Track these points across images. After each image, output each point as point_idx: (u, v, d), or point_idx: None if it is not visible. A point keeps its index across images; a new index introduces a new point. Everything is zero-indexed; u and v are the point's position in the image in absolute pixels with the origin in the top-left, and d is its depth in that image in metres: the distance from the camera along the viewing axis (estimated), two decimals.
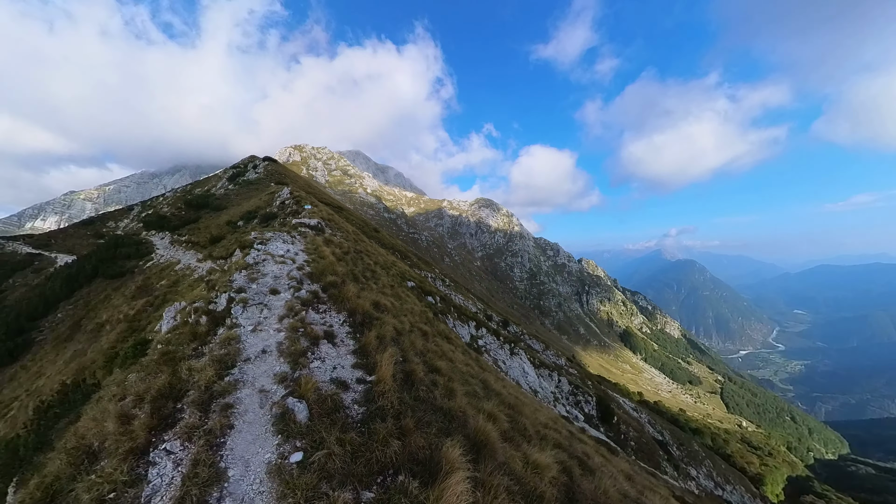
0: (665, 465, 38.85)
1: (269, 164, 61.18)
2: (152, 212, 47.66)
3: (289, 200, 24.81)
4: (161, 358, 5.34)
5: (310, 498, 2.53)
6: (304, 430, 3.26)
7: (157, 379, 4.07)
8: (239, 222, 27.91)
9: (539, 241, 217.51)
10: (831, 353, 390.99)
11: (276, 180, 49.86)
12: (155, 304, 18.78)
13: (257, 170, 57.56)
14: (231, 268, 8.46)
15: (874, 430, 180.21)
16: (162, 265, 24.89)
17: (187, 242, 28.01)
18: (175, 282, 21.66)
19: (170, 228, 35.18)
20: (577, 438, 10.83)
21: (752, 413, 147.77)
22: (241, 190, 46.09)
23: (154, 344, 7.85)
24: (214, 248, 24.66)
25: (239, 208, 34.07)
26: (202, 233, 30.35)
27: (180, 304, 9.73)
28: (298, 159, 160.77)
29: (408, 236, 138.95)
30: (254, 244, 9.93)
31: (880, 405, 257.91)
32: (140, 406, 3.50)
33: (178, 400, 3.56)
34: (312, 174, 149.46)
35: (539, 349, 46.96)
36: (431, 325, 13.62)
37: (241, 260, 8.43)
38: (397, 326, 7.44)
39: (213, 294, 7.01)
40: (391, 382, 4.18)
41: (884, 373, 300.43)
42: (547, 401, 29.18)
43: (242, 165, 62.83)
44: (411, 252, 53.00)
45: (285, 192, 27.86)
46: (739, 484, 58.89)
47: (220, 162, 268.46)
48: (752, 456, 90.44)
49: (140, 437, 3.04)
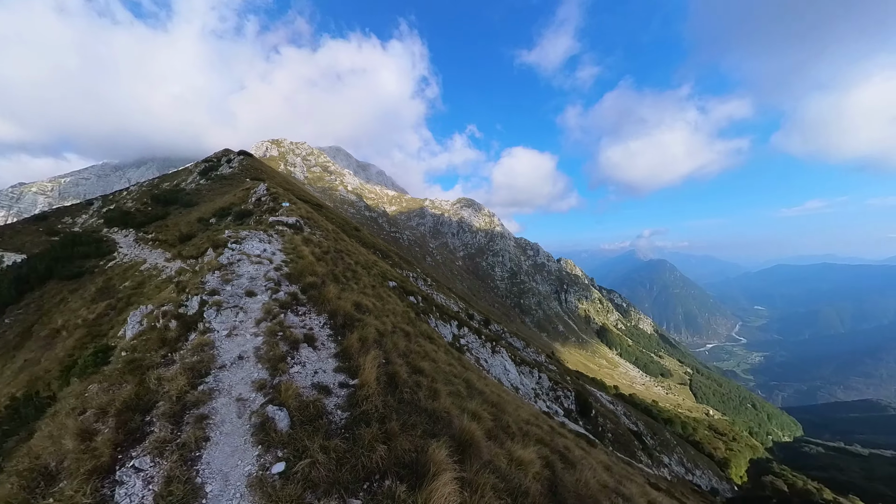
0: (640, 454, 40.66)
1: (244, 159, 58.75)
2: (115, 207, 44.60)
3: (265, 197, 23.88)
4: (126, 366, 4.99)
5: None
6: (286, 439, 3.13)
7: (123, 390, 3.80)
8: (211, 219, 26.64)
9: (520, 241, 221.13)
10: (787, 345, 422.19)
11: (252, 176, 47.95)
12: (118, 308, 17.63)
13: (232, 164, 55.10)
14: (203, 268, 8.05)
15: (824, 413, 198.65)
16: (125, 265, 23.39)
17: (154, 241, 26.44)
18: (140, 283, 20.43)
19: (134, 225, 33.02)
20: (558, 433, 11.11)
21: (718, 402, 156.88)
22: (213, 185, 43.96)
23: (118, 351, 7.35)
24: (184, 247, 23.43)
25: (211, 204, 32.53)
26: (171, 230, 28.75)
27: (147, 308, 9.18)
28: (276, 154, 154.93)
29: (389, 235, 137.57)
30: (228, 243, 9.48)
31: (829, 391, 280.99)
32: (103, 420, 3.25)
33: (147, 412, 3.32)
34: (291, 170, 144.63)
35: (520, 347, 47.81)
36: (414, 326, 13.54)
37: (214, 260, 8.03)
38: (379, 328, 7.33)
39: (183, 296, 6.64)
40: (375, 385, 4.10)
41: (831, 362, 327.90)
42: (528, 397, 29.77)
43: (216, 159, 59.97)
44: (393, 251, 52.49)
45: (262, 189, 26.80)
46: (707, 468, 62.56)
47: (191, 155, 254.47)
48: (719, 442, 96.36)
49: (104, 454, 2.81)
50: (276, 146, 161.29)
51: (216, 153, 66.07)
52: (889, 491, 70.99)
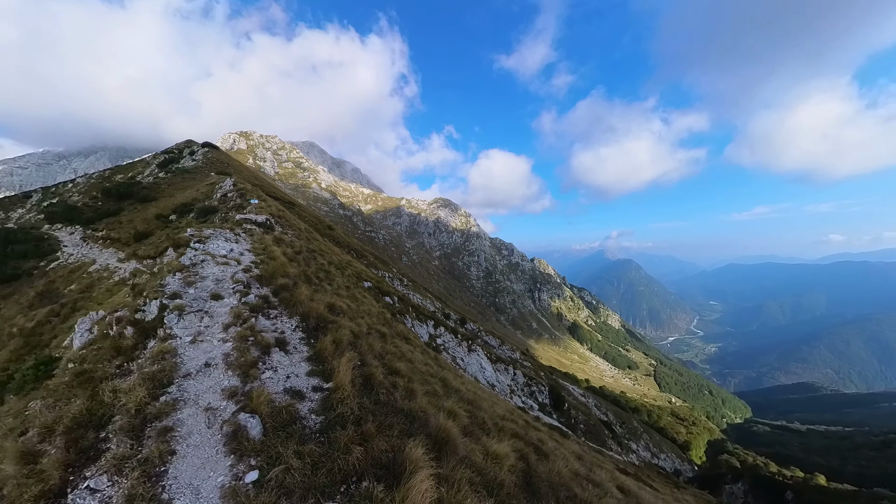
0: (610, 442, 42.77)
1: (209, 151, 55.19)
2: (59, 201, 40.36)
3: (232, 193, 22.62)
4: (75, 379, 4.59)
5: None
6: (259, 447, 3.03)
7: (72, 405, 3.49)
8: (171, 216, 24.91)
9: (495, 242, 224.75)
10: (738, 336, 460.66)
11: (218, 170, 45.23)
12: (62, 315, 16.12)
13: (195, 156, 51.60)
14: (163, 270, 7.54)
15: (769, 396, 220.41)
16: (71, 266, 21.40)
17: (105, 239, 24.35)
18: (88, 286, 18.80)
19: (82, 222, 30.10)
20: (532, 427, 11.45)
21: (679, 390, 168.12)
22: (174, 179, 40.92)
23: (64, 363, 6.74)
24: (140, 246, 21.77)
25: (171, 200, 30.38)
26: (124, 228, 26.57)
27: (98, 314, 8.48)
28: (244, 147, 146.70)
29: (364, 234, 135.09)
30: (190, 243, 8.93)
31: (773, 376, 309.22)
32: (50, 440, 2.96)
33: (101, 428, 3.07)
34: (260, 165, 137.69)
35: (495, 345, 48.68)
36: (390, 327, 13.42)
37: (174, 261, 7.54)
38: (354, 329, 7.21)
39: (140, 301, 6.20)
40: (350, 388, 4.05)
41: (774, 350, 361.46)
42: (504, 393, 30.40)
43: (177, 151, 55.94)
44: (368, 251, 51.61)
45: (228, 184, 25.34)
46: (671, 452, 66.90)
47: (149, 145, 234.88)
48: (680, 427, 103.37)
49: (53, 476, 2.57)
50: (244, 139, 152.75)
51: (178, 144, 61.72)
52: (823, 461, 79.56)
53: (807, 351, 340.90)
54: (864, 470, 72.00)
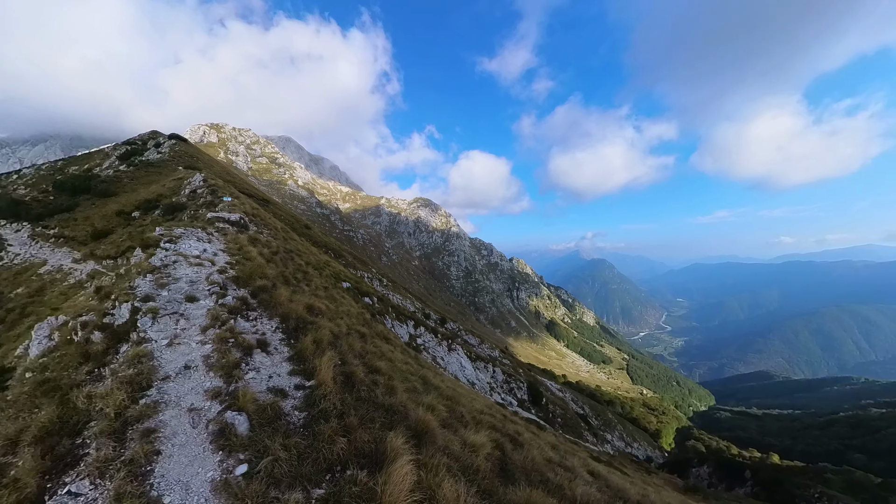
0: (586, 434, 44.45)
1: (176, 144, 52.04)
2: (2, 193, 36.91)
3: (202, 189, 21.57)
4: (37, 388, 4.41)
5: (261, 502, 2.49)
6: (247, 443, 3.12)
7: (38, 415, 3.37)
8: (134, 213, 23.44)
9: (475, 242, 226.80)
10: (702, 331, 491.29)
11: (186, 164, 42.84)
12: (8, 321, 14.92)
13: (161, 149, 48.56)
14: (131, 271, 7.24)
15: (730, 384, 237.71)
16: (17, 267, 19.80)
17: (58, 237, 22.61)
18: (39, 289, 17.51)
19: (30, 218, 27.67)
20: (509, 420, 11.83)
21: (650, 382, 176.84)
22: (137, 173, 38.35)
23: (20, 373, 6.36)
24: (98, 246, 20.42)
25: (134, 195, 28.58)
26: (80, 225, 24.75)
27: (57, 319, 8.03)
28: (215, 140, 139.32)
29: (343, 234, 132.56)
30: (160, 242, 8.58)
31: (733, 366, 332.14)
32: (15, 452, 2.87)
33: (77, 435, 3.03)
34: (232, 159, 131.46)
35: (475, 343, 49.34)
36: (369, 327, 13.42)
37: (144, 262, 7.25)
38: (334, 330, 7.26)
39: (108, 304, 5.97)
40: (332, 385, 4.16)
41: (734, 342, 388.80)
42: (484, 391, 30.94)
43: (140, 142, 52.42)
44: (346, 251, 50.81)
45: (198, 179, 24.11)
46: (643, 440, 70.34)
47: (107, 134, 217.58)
48: (651, 416, 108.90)
49: (30, 485, 2.54)
50: (215, 131, 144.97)
51: (141, 135, 57.88)
52: (777, 442, 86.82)
53: (762, 342, 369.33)
54: (811, 448, 79.06)
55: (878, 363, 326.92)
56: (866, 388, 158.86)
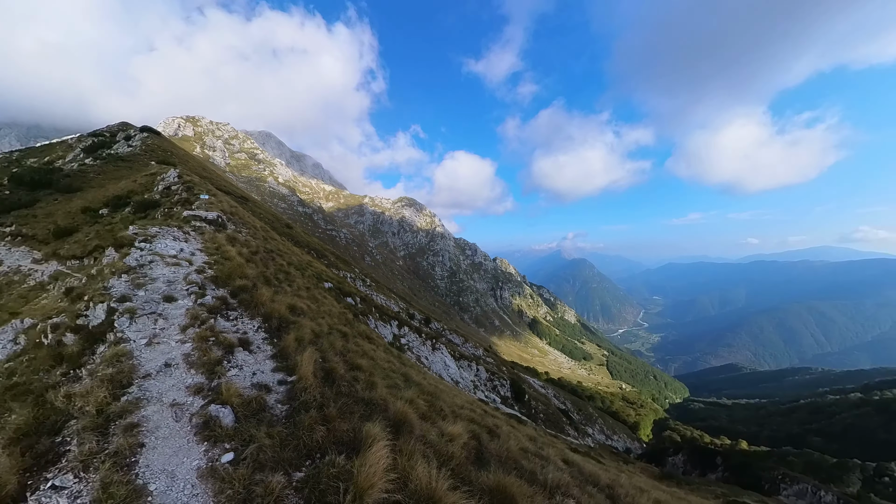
0: (568, 428, 45.69)
1: (149, 137, 49.47)
2: None
3: (177, 186, 20.75)
4: (6, 393, 4.34)
5: (247, 485, 2.64)
6: (232, 433, 3.24)
7: (13, 417, 3.36)
8: (102, 210, 22.33)
9: (459, 242, 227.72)
10: (677, 327, 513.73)
11: (160, 158, 40.88)
12: None
13: (132, 142, 46.04)
14: (104, 272, 7.07)
15: (702, 377, 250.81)
16: None
17: (15, 235, 21.25)
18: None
19: None
20: (489, 415, 12.15)
21: (629, 377, 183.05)
22: (105, 167, 36.27)
23: None
24: (62, 245, 19.37)
25: (102, 191, 27.15)
26: (41, 222, 23.33)
27: (22, 322, 7.74)
28: (191, 134, 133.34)
29: (325, 233, 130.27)
30: (135, 242, 8.37)
31: (705, 360, 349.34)
32: None
33: (56, 433, 3.07)
34: (209, 155, 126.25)
35: (459, 343, 49.77)
36: (351, 327, 13.46)
37: (118, 262, 7.09)
38: (316, 329, 7.34)
39: (80, 305, 5.85)
40: (312, 379, 4.31)
41: (706, 337, 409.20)
42: (468, 389, 31.33)
43: (109, 134, 49.54)
44: (329, 251, 50.10)
45: (172, 175, 23.13)
46: (623, 433, 72.86)
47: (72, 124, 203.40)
48: (630, 409, 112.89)
49: (10, 482, 2.56)
50: (191, 124, 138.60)
51: (110, 126, 54.68)
52: (745, 429, 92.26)
53: (731, 337, 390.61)
54: (775, 433, 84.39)
55: (833, 354, 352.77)
56: (823, 377, 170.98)
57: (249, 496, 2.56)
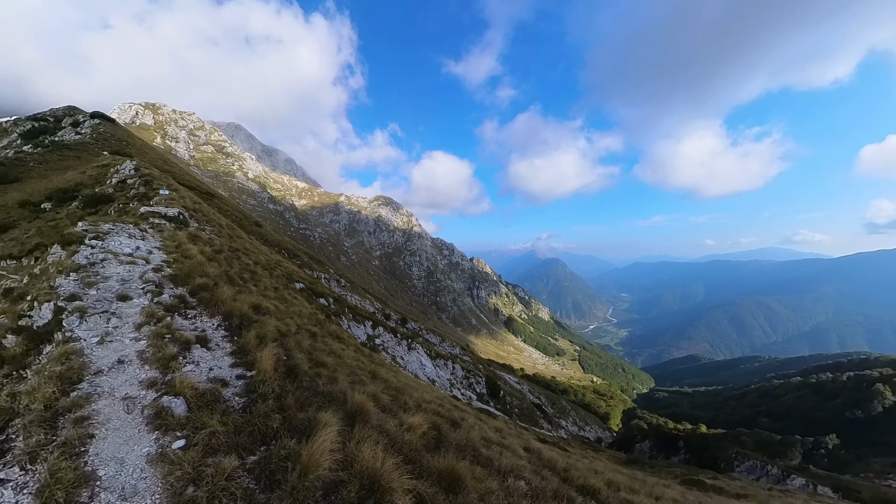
0: (542, 421, 47.25)
1: (101, 124, 45.19)
2: None
3: (134, 180, 19.34)
4: None
5: (197, 467, 2.75)
6: (185, 422, 3.30)
7: None
8: (44, 204, 20.50)
9: (436, 241, 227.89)
10: (643, 322, 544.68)
11: (114, 149, 37.68)
12: None
13: (80, 129, 42.05)
14: (49, 270, 6.72)
15: (666, 368, 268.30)
16: None
17: None
18: None
19: None
20: (458, 409, 12.46)
21: (599, 370, 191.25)
22: (47, 155, 33.09)
23: None
24: None
25: (44, 183, 24.90)
26: None
27: None
28: (151, 123, 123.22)
29: (298, 232, 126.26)
30: (85, 239, 7.96)
31: (668, 352, 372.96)
32: None
33: (1, 431, 3.03)
34: (172, 146, 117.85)
35: (436, 342, 50.09)
36: (322, 327, 13.34)
37: (66, 260, 6.76)
38: (281, 328, 7.24)
39: (24, 306, 5.59)
40: (273, 374, 4.40)
41: (669, 331, 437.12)
42: (444, 387, 31.68)
43: (53, 118, 45.01)
44: (302, 250, 48.74)
45: (128, 167, 21.44)
46: (595, 424, 76.11)
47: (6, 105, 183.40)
48: (601, 401, 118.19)
49: None
50: (151, 112, 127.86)
51: (54, 110, 49.58)
52: (704, 414, 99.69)
53: (691, 330, 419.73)
54: (730, 416, 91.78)
55: (778, 343, 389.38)
56: (770, 364, 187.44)
57: (199, 476, 2.68)
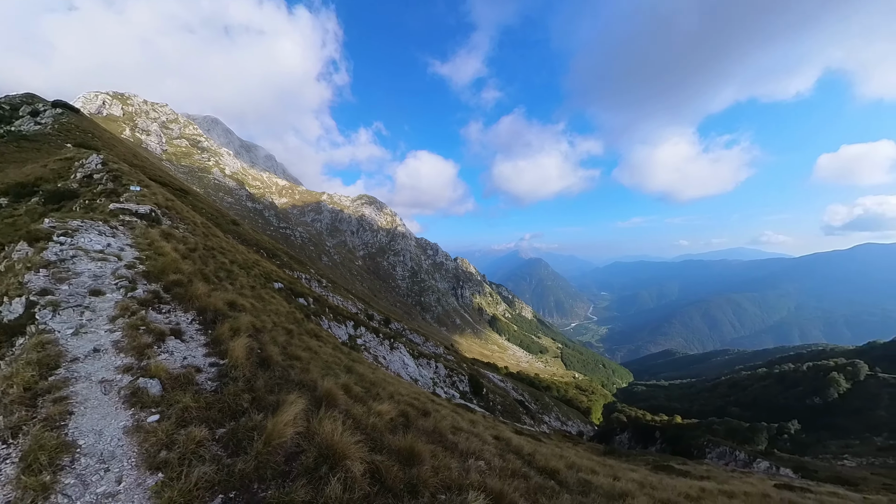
0: (524, 417, 48.36)
1: (64, 114, 42.36)
2: None
3: (101, 174, 18.48)
4: None
5: (170, 435, 3.04)
6: (160, 400, 3.56)
7: None
8: (0, 200, 19.45)
9: (420, 241, 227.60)
10: (622, 319, 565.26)
11: (78, 141, 35.50)
12: None
13: (41, 119, 39.34)
14: (16, 267, 6.69)
15: (644, 363, 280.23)
16: None
17: None
18: None
19: None
20: (434, 402, 12.83)
21: (581, 367, 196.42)
22: (2, 146, 30.71)
23: None
24: None
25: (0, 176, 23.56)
26: None
27: None
28: (119, 114, 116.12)
29: (278, 231, 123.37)
30: (53, 236, 7.90)
31: (646, 347, 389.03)
32: None
33: None
34: (142, 139, 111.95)
35: (420, 342, 50.33)
36: (299, 325, 13.39)
37: (35, 256, 6.75)
38: (256, 324, 7.25)
39: None
40: (245, 362, 4.67)
41: (646, 328, 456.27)
42: (427, 386, 32.03)
43: (9, 106, 41.86)
44: (282, 250, 47.91)
45: (95, 161, 20.38)
46: (577, 418, 78.30)
47: None
48: (583, 396, 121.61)
49: None
50: (119, 102, 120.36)
51: (10, 97, 46.07)
52: (679, 405, 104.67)
53: (667, 327, 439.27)
54: (703, 407, 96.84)
55: (745, 337, 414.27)
56: (738, 357, 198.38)
57: (171, 443, 2.97)
